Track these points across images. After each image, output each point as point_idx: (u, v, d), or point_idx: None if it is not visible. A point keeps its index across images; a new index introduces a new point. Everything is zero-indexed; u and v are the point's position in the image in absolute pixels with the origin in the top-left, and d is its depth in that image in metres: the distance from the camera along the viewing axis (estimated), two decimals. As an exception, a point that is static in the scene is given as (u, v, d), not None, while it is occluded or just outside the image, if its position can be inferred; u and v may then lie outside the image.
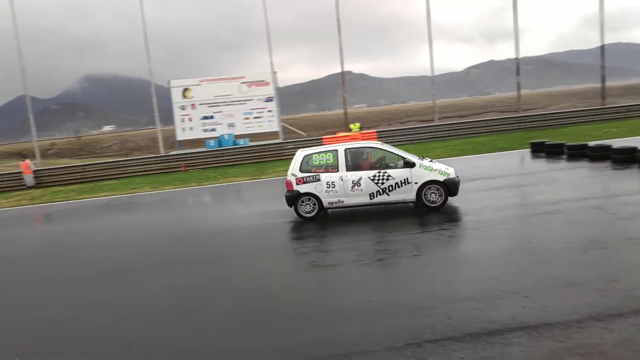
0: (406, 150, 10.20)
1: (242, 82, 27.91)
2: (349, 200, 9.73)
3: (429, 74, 29.75)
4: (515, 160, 15.65)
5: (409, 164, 9.55)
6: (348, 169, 9.67)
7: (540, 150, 15.73)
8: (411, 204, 9.84)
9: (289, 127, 39.12)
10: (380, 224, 9.05)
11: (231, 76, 28.58)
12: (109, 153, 49.94)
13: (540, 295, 4.95)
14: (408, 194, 9.56)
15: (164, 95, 27.94)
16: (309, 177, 9.75)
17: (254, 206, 12.99)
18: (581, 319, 4.31)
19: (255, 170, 20.55)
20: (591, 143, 14.26)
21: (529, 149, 16.64)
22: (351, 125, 26.70)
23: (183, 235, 10.26)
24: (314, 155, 9.89)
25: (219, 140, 26.83)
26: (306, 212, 9.85)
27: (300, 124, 54.17)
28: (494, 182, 11.90)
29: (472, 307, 4.89)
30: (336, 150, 9.80)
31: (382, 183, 9.55)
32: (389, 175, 9.55)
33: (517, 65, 28.41)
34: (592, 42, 29.30)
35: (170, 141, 30.36)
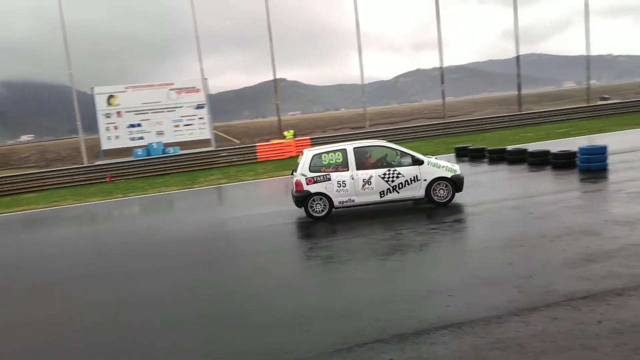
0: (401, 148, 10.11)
1: (171, 89, 27.11)
2: (359, 199, 9.72)
3: (360, 82, 30.45)
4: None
5: (418, 162, 9.68)
6: (358, 168, 9.63)
7: (464, 154, 16.54)
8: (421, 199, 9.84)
9: (222, 134, 38.45)
10: (309, 231, 9.10)
11: (159, 82, 27.71)
12: (27, 164, 46.57)
13: (464, 294, 5.17)
14: (417, 191, 9.68)
15: (88, 102, 26.52)
16: (319, 176, 9.63)
17: (185, 216, 12.61)
18: (500, 315, 4.54)
19: (187, 180, 19.98)
20: (509, 147, 15.19)
21: (454, 154, 17.43)
22: (285, 133, 26.74)
23: (106, 250, 9.75)
24: (323, 155, 9.76)
25: (147, 149, 25.84)
26: (317, 212, 9.72)
27: (234, 131, 53.43)
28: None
29: (402, 308, 5.01)
30: (345, 149, 9.74)
31: (393, 181, 9.59)
32: (399, 173, 9.60)
33: (442, 75, 29.78)
34: (509, 53, 31.39)
35: (95, 151, 28.81)
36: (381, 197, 9.67)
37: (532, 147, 15.59)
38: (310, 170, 9.67)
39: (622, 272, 5.19)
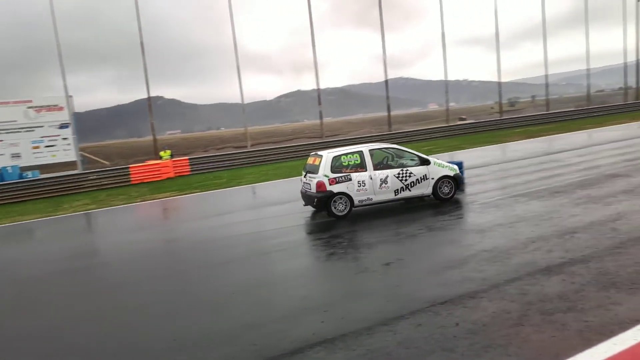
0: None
1: (30, 107, 24.47)
2: (377, 197, 10.23)
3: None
4: (321, 183, 16.82)
5: (425, 162, 10.45)
6: (375, 168, 10.17)
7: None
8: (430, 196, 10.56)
9: (90, 156, 35.58)
10: (171, 256, 8.74)
11: (15, 100, 24.86)
12: None
13: (338, 308, 5.31)
14: (426, 189, 10.44)
15: None
16: (341, 177, 10.02)
17: (45, 247, 11.34)
18: (371, 326, 4.72)
19: (48, 207, 18.05)
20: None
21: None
22: (161, 153, 25.57)
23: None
24: (342, 157, 10.21)
25: (0, 173, 22.91)
26: (339, 211, 10.03)
27: (105, 152, 49.74)
28: (301, 204, 12.54)
29: (278, 329, 4.98)
30: (361, 151, 10.30)
31: (406, 180, 10.28)
32: (411, 173, 10.32)
33: (319, 96, 30.91)
34: (380, 76, 33.67)
35: None
36: (395, 195, 10.33)
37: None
38: (332, 172, 10.03)
39: (475, 277, 5.74)
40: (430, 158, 10.66)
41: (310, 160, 10.79)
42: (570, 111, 38.40)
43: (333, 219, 9.91)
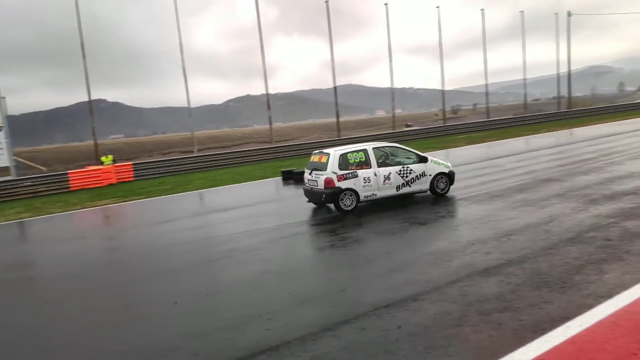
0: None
1: (-44, 109, 22.83)
2: (380, 193, 10.70)
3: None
4: (269, 188, 16.73)
5: (423, 159, 11.05)
6: (379, 166, 10.67)
7: (290, 177, 17.21)
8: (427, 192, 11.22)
9: (26, 161, 33.63)
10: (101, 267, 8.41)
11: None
12: None
13: (283, 315, 5.26)
14: (424, 185, 11.06)
15: None
16: (348, 174, 10.43)
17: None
18: (316, 332, 4.71)
19: (-24, 215, 16.85)
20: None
21: (280, 177, 18.01)
22: (103, 158, 24.56)
23: None
24: (348, 155, 10.59)
25: None
26: (346, 206, 10.41)
27: (42, 157, 47.15)
28: (250, 210, 12.42)
29: (221, 338, 4.87)
30: (366, 149, 10.75)
31: (406, 176, 10.83)
32: (411, 170, 10.89)
33: (268, 101, 30.80)
34: (330, 83, 33.98)
35: None
36: (397, 190, 10.82)
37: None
38: (340, 169, 10.42)
39: (418, 279, 5.87)
40: (429, 156, 11.28)
41: (315, 158, 11.10)
42: (509, 119, 40.28)
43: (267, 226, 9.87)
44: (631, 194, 9.28)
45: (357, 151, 10.71)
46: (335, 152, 10.63)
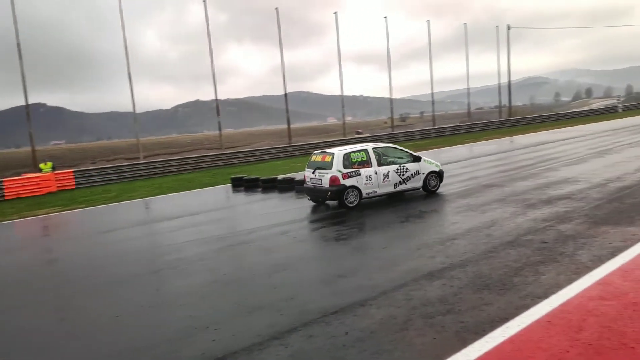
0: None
1: None
2: (380, 190, 11.33)
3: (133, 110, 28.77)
4: (218, 195, 16.45)
5: (417, 159, 11.80)
6: (379, 165, 11.32)
7: (240, 184, 17.01)
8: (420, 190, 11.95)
9: (-46, 168, 31.43)
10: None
11: None
12: None
13: (230, 325, 5.16)
14: (418, 183, 11.78)
15: None
16: (352, 172, 11.02)
17: None
18: (263, 341, 4.64)
19: None
20: (280, 176, 16.25)
21: (230, 184, 17.76)
22: (41, 165, 23.32)
23: None
24: (351, 154, 11.20)
25: None
26: (350, 203, 10.97)
27: (-26, 165, 44.34)
28: (197, 218, 12.15)
29: (165, 350, 4.71)
30: (366, 149, 11.43)
31: (403, 174, 11.52)
32: (407, 169, 11.58)
33: (217, 107, 30.37)
34: (281, 89, 33.93)
35: None
36: (395, 188, 11.52)
37: (299, 176, 16.98)
38: (344, 167, 10.98)
39: (366, 284, 5.92)
40: (422, 156, 12.06)
41: (317, 158, 11.63)
42: (454, 126, 41.76)
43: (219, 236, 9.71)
44: (565, 199, 9.82)
45: (359, 151, 11.38)
46: (339, 152, 11.22)
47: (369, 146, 11.62)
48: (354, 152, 11.32)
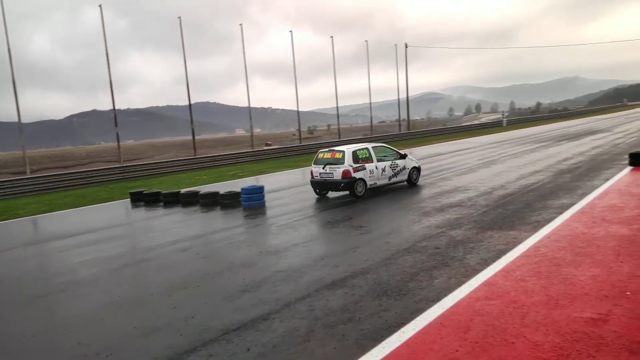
0: None
1: None
2: (379, 182, 13.45)
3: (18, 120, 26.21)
4: (116, 211, 15.47)
5: (403, 156, 14.15)
6: (378, 161, 13.40)
7: (139, 199, 16.13)
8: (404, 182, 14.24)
9: None
10: None
11: None
12: None
13: (124, 351, 4.83)
14: (405, 176, 14.11)
15: None
16: (359, 167, 12.96)
17: None
18: (159, 364, 4.41)
19: None
20: (183, 190, 15.69)
21: (129, 199, 16.79)
22: None
23: None
24: (357, 151, 13.20)
25: None
26: (359, 192, 12.85)
27: None
28: (91, 237, 11.30)
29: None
30: (367, 147, 13.55)
31: (395, 169, 13.78)
32: (397, 164, 13.85)
33: (115, 117, 28.72)
34: (187, 99, 32.85)
35: None
36: (389, 180, 13.67)
37: (205, 189, 16.54)
38: (354, 162, 12.87)
39: (269, 298, 5.87)
40: (407, 153, 14.50)
41: (327, 155, 13.42)
42: (359, 139, 43.25)
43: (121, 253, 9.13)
44: (456, 206, 10.55)
45: (363, 149, 13.42)
46: (349, 150, 13.16)
47: (368, 145, 13.81)
48: (360, 149, 13.34)
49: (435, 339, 4.32)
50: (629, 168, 13.48)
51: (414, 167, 14.37)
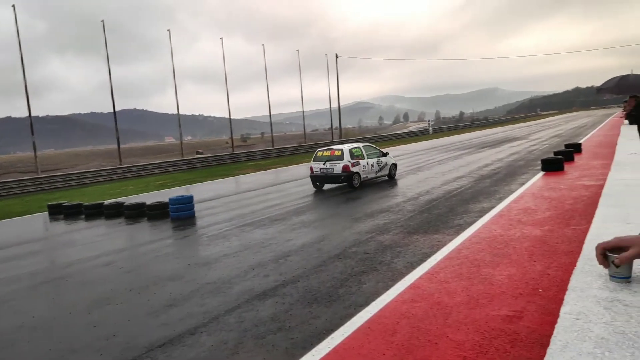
0: None
1: None
2: (369, 176, 15.61)
3: None
4: (32, 226, 14.41)
5: (385, 154, 16.54)
6: (368, 157, 15.61)
7: (59, 212, 15.15)
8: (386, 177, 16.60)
9: None
10: None
11: None
12: None
13: (36, 376, 4.49)
14: (386, 172, 16.46)
15: None
16: (355, 162, 14.97)
17: None
18: (76, 388, 4.13)
19: None
20: (107, 201, 14.92)
21: (47, 212, 15.72)
22: None
23: None
24: (353, 149, 15.26)
25: None
26: (356, 184, 14.85)
27: None
28: (3, 253, 10.44)
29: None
30: (359, 146, 15.71)
31: (380, 165, 16.07)
32: (381, 161, 16.19)
33: (31, 124, 26.84)
34: (111, 106, 31.33)
35: None
36: (376, 174, 15.90)
37: (130, 200, 15.83)
38: (351, 158, 14.88)
39: (197, 311, 5.70)
40: (387, 151, 17.27)
41: (326, 153, 15.44)
42: (293, 147, 43.42)
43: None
44: (385, 212, 10.85)
45: (356, 147, 15.58)
46: (346, 148, 15.23)
47: (360, 144, 16.00)
48: (354, 148, 15.48)
49: (363, 343, 4.38)
50: (541, 173, 14.52)
51: (393, 164, 16.88)
